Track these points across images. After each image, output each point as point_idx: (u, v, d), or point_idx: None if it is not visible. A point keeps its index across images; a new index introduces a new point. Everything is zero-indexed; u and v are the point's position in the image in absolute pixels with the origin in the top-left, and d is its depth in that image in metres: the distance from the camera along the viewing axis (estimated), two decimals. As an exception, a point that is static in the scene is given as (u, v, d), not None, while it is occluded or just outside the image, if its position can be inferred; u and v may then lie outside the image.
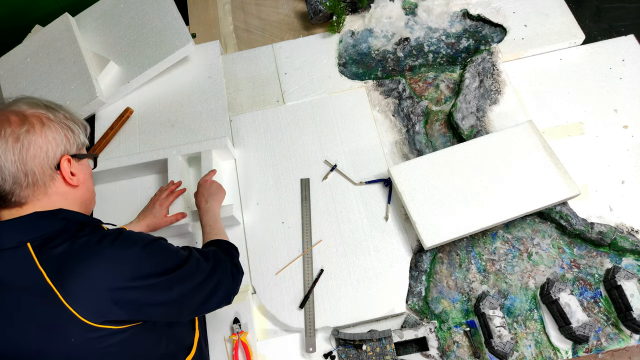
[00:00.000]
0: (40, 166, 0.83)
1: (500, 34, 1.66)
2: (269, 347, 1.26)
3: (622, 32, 1.64)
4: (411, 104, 1.54)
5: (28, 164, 0.81)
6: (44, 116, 0.86)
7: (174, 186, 1.39)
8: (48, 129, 0.85)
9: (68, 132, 0.88)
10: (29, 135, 0.82)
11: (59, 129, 0.87)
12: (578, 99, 1.51)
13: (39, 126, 0.84)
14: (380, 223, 1.38)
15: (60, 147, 0.86)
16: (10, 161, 0.80)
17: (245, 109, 1.63)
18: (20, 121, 0.82)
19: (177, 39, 1.64)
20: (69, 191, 0.89)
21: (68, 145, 0.88)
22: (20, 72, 1.70)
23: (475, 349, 1.21)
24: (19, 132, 0.81)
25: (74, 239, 0.82)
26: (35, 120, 0.84)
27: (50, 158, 0.85)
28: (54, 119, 0.87)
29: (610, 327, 1.20)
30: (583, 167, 1.40)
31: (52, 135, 0.85)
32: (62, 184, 0.87)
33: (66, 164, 0.87)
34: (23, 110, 0.84)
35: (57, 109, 0.90)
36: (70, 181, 0.88)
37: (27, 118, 0.83)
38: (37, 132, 0.83)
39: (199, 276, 0.95)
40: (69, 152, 0.88)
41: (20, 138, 0.81)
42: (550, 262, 1.30)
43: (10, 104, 0.86)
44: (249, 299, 1.31)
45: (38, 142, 0.83)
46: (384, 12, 1.72)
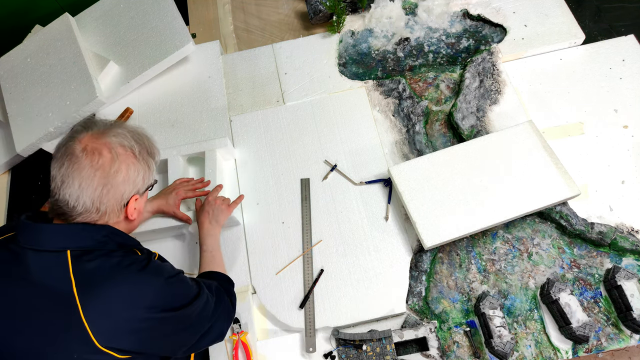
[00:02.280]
0: (113, 205, 0.88)
1: (500, 34, 1.66)
2: (269, 347, 1.26)
3: (622, 32, 1.63)
4: (411, 104, 1.54)
5: (103, 202, 0.87)
6: (130, 157, 0.90)
7: (201, 185, 1.37)
8: (132, 171, 0.90)
9: (146, 172, 0.94)
10: (116, 177, 0.87)
11: (140, 169, 0.92)
12: (578, 99, 1.51)
13: (125, 170, 0.89)
14: (380, 223, 1.38)
15: (135, 189, 0.92)
16: (89, 197, 0.85)
17: (245, 109, 1.63)
18: (111, 159, 0.87)
19: (177, 39, 1.64)
20: (123, 222, 0.94)
21: (142, 185, 0.94)
22: (20, 72, 1.70)
23: (476, 349, 1.21)
24: (109, 171, 0.86)
25: (108, 257, 0.86)
26: (124, 163, 0.89)
27: (123, 199, 0.90)
28: (138, 157, 0.92)
29: (610, 327, 1.20)
30: (583, 167, 1.40)
31: (134, 178, 0.90)
32: (123, 216, 0.93)
33: (133, 202, 0.92)
34: (115, 147, 0.89)
35: (142, 140, 0.95)
36: (130, 217, 0.93)
37: (119, 157, 0.88)
38: (122, 176, 0.88)
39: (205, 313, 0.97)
40: (140, 192, 0.94)
41: (107, 179, 0.86)
42: (550, 262, 1.30)
43: (104, 131, 0.90)
44: (249, 299, 1.31)
45: (120, 186, 0.88)
46: (384, 12, 1.72)
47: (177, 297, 0.91)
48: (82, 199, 0.84)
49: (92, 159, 0.85)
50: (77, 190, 0.84)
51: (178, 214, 1.32)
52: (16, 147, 1.60)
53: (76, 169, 0.84)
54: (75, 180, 0.84)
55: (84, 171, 0.84)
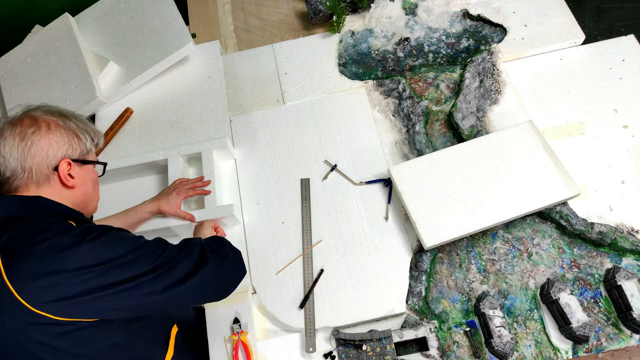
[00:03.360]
0: (38, 165, 0.91)
1: (500, 34, 1.66)
2: (269, 347, 1.26)
3: (622, 32, 1.64)
4: (411, 104, 1.54)
5: (27, 161, 0.90)
6: (53, 122, 0.95)
7: (201, 183, 1.38)
8: (52, 133, 0.94)
9: (73, 139, 0.97)
10: (33, 136, 0.91)
11: (64, 134, 0.95)
12: (578, 99, 1.51)
13: (45, 130, 0.93)
14: (380, 223, 1.38)
15: (61, 150, 0.94)
16: (14, 157, 0.90)
17: (245, 109, 1.63)
18: (30, 123, 0.92)
19: (177, 39, 1.64)
20: (63, 191, 0.96)
21: (70, 150, 0.96)
22: (20, 72, 1.70)
23: (475, 349, 1.21)
24: (26, 132, 0.91)
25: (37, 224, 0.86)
26: (43, 124, 0.93)
27: (49, 159, 0.93)
28: (62, 125, 0.96)
29: (610, 327, 1.20)
30: (583, 167, 1.40)
31: (56, 139, 0.94)
32: (58, 183, 0.95)
33: (65, 166, 0.94)
34: (36, 115, 0.94)
35: (69, 117, 0.99)
36: (66, 182, 0.95)
37: (37, 121, 0.93)
38: (42, 135, 0.92)
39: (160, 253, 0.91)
40: (70, 156, 0.96)
41: (26, 138, 0.90)
42: (550, 262, 1.30)
43: (29, 110, 0.97)
44: (249, 299, 1.31)
45: (40, 143, 0.92)
46: (384, 12, 1.72)
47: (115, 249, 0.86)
48: (8, 162, 0.89)
49: (14, 126, 0.91)
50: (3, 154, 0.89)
51: (180, 213, 1.32)
52: (16, 147, 1.60)
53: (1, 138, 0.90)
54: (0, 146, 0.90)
55: (8, 138, 0.90)
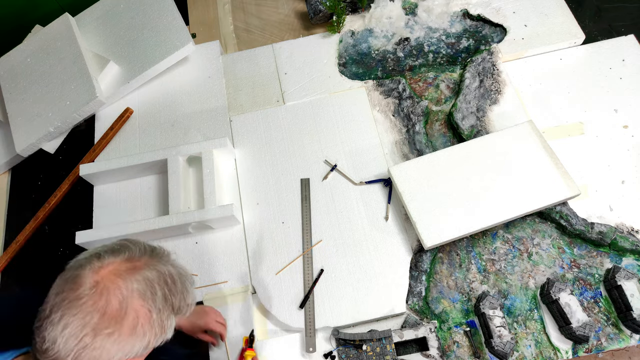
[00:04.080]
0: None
1: (500, 34, 1.66)
2: (269, 347, 1.26)
3: (622, 32, 1.63)
4: (411, 104, 1.54)
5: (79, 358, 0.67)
6: (145, 314, 0.71)
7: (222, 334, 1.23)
8: (133, 336, 0.70)
9: (156, 336, 0.73)
10: (106, 339, 0.68)
11: (148, 333, 0.72)
12: (578, 99, 1.51)
13: (127, 332, 0.69)
14: (380, 223, 1.38)
15: (131, 354, 0.71)
16: (67, 347, 0.66)
17: (245, 109, 1.63)
18: (114, 315, 0.68)
19: (177, 39, 1.64)
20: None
21: (145, 350, 0.73)
22: (20, 72, 1.70)
23: (476, 349, 1.21)
24: (102, 328, 0.67)
25: None
26: (130, 321, 0.69)
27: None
28: (155, 319, 0.72)
29: (611, 327, 1.20)
30: (583, 167, 1.40)
31: (133, 342, 0.70)
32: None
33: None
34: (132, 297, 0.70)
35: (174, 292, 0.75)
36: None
37: (125, 315, 0.69)
38: (118, 340, 0.69)
39: None
40: (139, 355, 0.73)
41: (96, 337, 0.67)
42: (550, 262, 1.30)
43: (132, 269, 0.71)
44: (249, 299, 1.31)
45: (109, 349, 0.68)
46: (384, 12, 1.72)
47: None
48: (59, 345, 0.66)
49: (96, 302, 0.67)
50: (58, 331, 0.66)
51: (202, 337, 1.21)
52: (16, 147, 1.60)
53: (71, 305, 0.67)
54: (64, 317, 0.66)
55: (79, 313, 0.67)
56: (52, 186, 1.60)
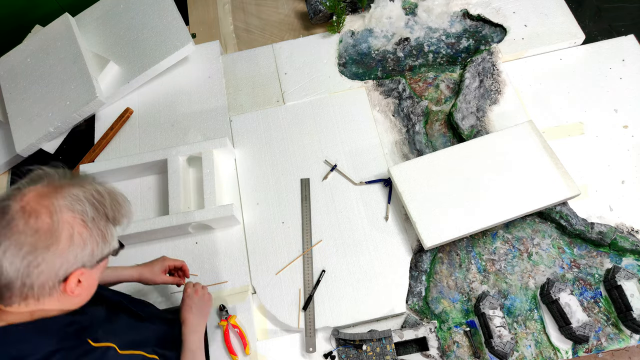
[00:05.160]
0: (43, 282, 0.72)
1: (500, 34, 1.66)
2: (269, 347, 1.26)
3: (622, 32, 1.64)
4: (411, 104, 1.54)
5: (30, 277, 0.71)
6: (78, 225, 0.74)
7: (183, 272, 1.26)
8: (73, 245, 0.73)
9: (98, 244, 0.77)
10: (47, 252, 0.71)
11: (88, 242, 0.75)
12: (578, 99, 1.51)
13: (65, 242, 0.72)
14: (380, 223, 1.38)
15: (78, 263, 0.75)
16: (13, 268, 0.70)
17: (245, 109, 1.63)
18: (48, 228, 0.71)
19: (177, 39, 1.64)
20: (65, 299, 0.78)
21: (91, 258, 0.77)
22: (20, 72, 1.70)
23: (475, 349, 1.21)
24: (38, 244, 0.70)
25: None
26: (65, 232, 0.72)
27: (59, 276, 0.74)
28: (90, 226, 0.76)
29: (610, 327, 1.20)
30: (583, 167, 1.40)
31: (76, 251, 0.74)
32: (61, 293, 0.76)
33: (75, 279, 0.76)
34: (60, 211, 0.73)
35: (103, 203, 0.78)
36: (71, 293, 0.76)
37: (58, 226, 0.72)
38: (59, 250, 0.72)
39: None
40: (87, 265, 0.77)
41: (36, 252, 0.70)
42: (550, 262, 1.30)
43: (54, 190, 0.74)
44: (249, 299, 1.31)
45: (54, 261, 0.72)
46: (384, 12, 1.72)
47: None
48: (6, 269, 0.69)
49: (27, 222, 0.70)
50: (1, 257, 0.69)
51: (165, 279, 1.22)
52: (16, 147, 1.60)
53: (5, 231, 0.69)
54: (2, 244, 0.69)
55: (14, 236, 0.69)
56: (52, 186, 1.59)
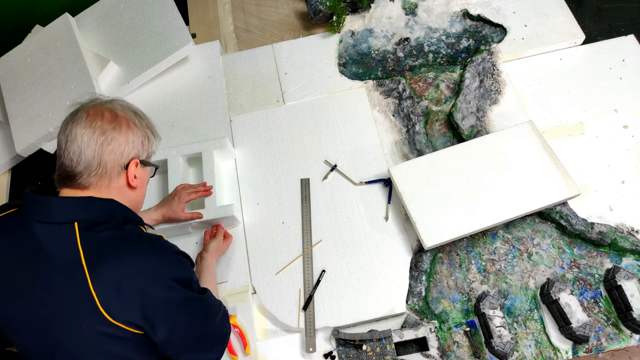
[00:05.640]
0: (113, 161, 0.91)
1: (500, 34, 1.66)
2: (269, 347, 1.26)
3: (622, 32, 1.63)
4: (411, 104, 1.54)
5: (104, 156, 0.89)
6: (131, 120, 0.95)
7: (203, 189, 1.37)
8: (131, 132, 0.93)
9: (145, 139, 0.97)
10: (114, 132, 0.90)
11: (139, 134, 0.95)
12: (578, 99, 1.51)
13: (125, 127, 0.93)
14: (380, 223, 1.38)
15: (134, 150, 0.94)
16: (91, 149, 0.88)
17: (245, 109, 1.63)
18: (111, 118, 0.91)
19: (177, 39, 1.64)
20: (126, 190, 0.96)
21: (141, 150, 0.96)
22: (20, 72, 1.70)
23: (476, 349, 1.21)
24: (108, 127, 0.90)
25: (116, 230, 0.89)
26: (123, 121, 0.93)
27: (123, 157, 0.92)
28: (138, 125, 0.96)
29: (610, 327, 1.20)
30: (583, 167, 1.40)
31: (132, 138, 0.94)
32: (124, 182, 0.95)
33: (133, 166, 0.95)
34: (116, 110, 0.94)
35: (142, 117, 1.00)
36: (131, 182, 0.95)
37: (118, 117, 0.92)
38: (122, 132, 0.92)
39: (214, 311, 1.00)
40: (139, 157, 0.96)
41: (106, 133, 0.89)
42: (550, 262, 1.30)
43: (106, 102, 0.96)
44: (249, 299, 1.31)
45: (119, 140, 0.91)
46: (384, 12, 1.72)
47: (192, 276, 0.94)
48: (85, 154, 0.87)
49: (94, 118, 0.90)
50: (80, 144, 0.87)
51: (185, 215, 1.32)
52: (16, 147, 1.60)
53: (79, 127, 0.88)
54: (78, 135, 0.88)
55: (87, 128, 0.88)
56: (52, 186, 1.59)
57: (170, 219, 1.33)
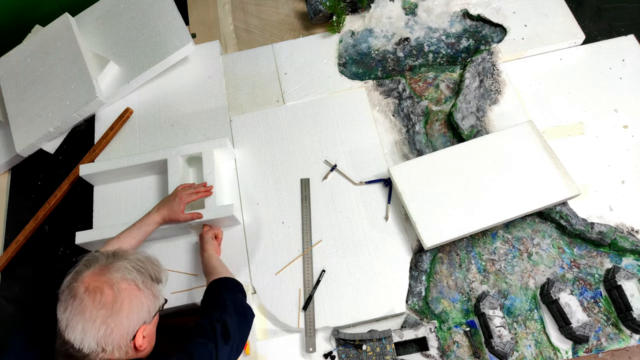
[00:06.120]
0: (118, 343, 0.85)
1: (500, 34, 1.66)
2: (269, 347, 1.26)
3: (622, 32, 1.63)
4: (411, 104, 1.54)
5: (108, 342, 0.84)
6: (133, 289, 0.88)
7: (204, 189, 1.37)
8: (136, 305, 0.87)
9: (151, 300, 0.91)
10: (115, 318, 0.84)
11: (143, 301, 0.89)
12: (578, 99, 1.51)
13: (128, 305, 0.86)
14: (380, 223, 1.38)
15: (141, 320, 0.89)
16: (94, 338, 0.83)
17: (245, 109, 1.63)
18: (113, 298, 0.85)
19: (177, 39, 1.64)
20: (133, 354, 0.90)
21: (148, 314, 0.90)
22: (20, 72, 1.70)
23: (475, 349, 1.21)
24: (108, 313, 0.84)
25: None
26: (126, 297, 0.86)
27: (129, 334, 0.87)
28: (142, 287, 0.90)
29: (610, 327, 1.20)
30: (583, 167, 1.40)
31: (137, 311, 0.88)
32: (132, 350, 0.89)
33: (141, 332, 0.89)
34: (118, 283, 0.87)
35: (146, 268, 0.93)
36: (140, 347, 0.89)
37: (120, 294, 0.86)
38: (124, 312, 0.85)
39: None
40: (147, 322, 0.90)
41: (108, 320, 0.84)
42: (550, 262, 1.30)
43: (106, 268, 0.88)
44: (249, 299, 1.31)
45: (123, 323, 0.85)
46: (384, 12, 1.72)
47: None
48: (87, 341, 0.83)
49: (94, 299, 0.84)
50: (81, 332, 0.83)
51: (186, 217, 1.31)
52: (16, 147, 1.60)
53: (79, 311, 0.83)
54: (79, 323, 0.83)
55: (87, 313, 0.83)
56: (52, 186, 1.60)
57: (171, 219, 1.32)
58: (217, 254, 1.32)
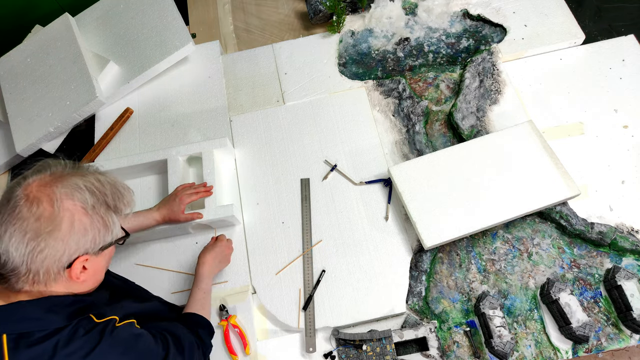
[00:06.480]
0: (47, 268, 0.75)
1: (500, 34, 1.66)
2: (269, 347, 1.26)
3: (622, 32, 1.64)
4: (411, 104, 1.54)
5: (35, 263, 0.74)
6: (78, 212, 0.77)
7: (204, 189, 1.36)
8: (74, 231, 0.76)
9: (99, 231, 0.80)
10: (48, 237, 0.74)
11: (89, 229, 0.78)
12: (578, 99, 1.51)
13: (67, 227, 0.75)
14: (380, 223, 1.38)
15: (80, 250, 0.78)
16: (19, 253, 0.73)
17: (245, 109, 1.63)
18: (50, 215, 0.74)
19: (177, 39, 1.64)
20: (71, 284, 0.81)
21: (93, 245, 0.79)
22: (20, 72, 1.70)
23: (476, 349, 1.21)
24: (42, 229, 0.73)
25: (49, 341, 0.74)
26: (66, 218, 0.75)
27: (62, 261, 0.76)
28: (90, 214, 0.78)
29: (610, 327, 1.20)
30: (583, 167, 1.40)
31: (78, 237, 0.77)
32: (66, 279, 0.79)
33: (79, 265, 0.79)
34: (62, 199, 0.76)
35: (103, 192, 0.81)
36: (76, 278, 0.79)
37: (59, 213, 0.75)
38: (61, 236, 0.74)
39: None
40: (90, 252, 0.80)
41: (39, 238, 0.73)
42: (550, 262, 1.30)
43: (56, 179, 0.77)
44: (249, 299, 1.31)
45: (56, 246, 0.74)
46: (384, 12, 1.72)
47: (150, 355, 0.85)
48: (12, 254, 0.72)
49: (30, 210, 0.73)
50: (7, 242, 0.72)
51: (186, 217, 1.31)
52: (16, 147, 1.60)
53: (10, 218, 0.73)
54: (8, 230, 0.72)
55: (18, 223, 0.72)
56: (52, 186, 1.59)
57: (171, 220, 1.32)
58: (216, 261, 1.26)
